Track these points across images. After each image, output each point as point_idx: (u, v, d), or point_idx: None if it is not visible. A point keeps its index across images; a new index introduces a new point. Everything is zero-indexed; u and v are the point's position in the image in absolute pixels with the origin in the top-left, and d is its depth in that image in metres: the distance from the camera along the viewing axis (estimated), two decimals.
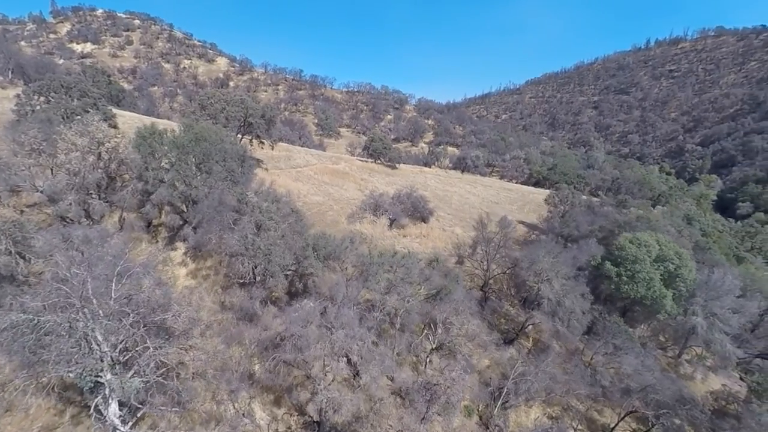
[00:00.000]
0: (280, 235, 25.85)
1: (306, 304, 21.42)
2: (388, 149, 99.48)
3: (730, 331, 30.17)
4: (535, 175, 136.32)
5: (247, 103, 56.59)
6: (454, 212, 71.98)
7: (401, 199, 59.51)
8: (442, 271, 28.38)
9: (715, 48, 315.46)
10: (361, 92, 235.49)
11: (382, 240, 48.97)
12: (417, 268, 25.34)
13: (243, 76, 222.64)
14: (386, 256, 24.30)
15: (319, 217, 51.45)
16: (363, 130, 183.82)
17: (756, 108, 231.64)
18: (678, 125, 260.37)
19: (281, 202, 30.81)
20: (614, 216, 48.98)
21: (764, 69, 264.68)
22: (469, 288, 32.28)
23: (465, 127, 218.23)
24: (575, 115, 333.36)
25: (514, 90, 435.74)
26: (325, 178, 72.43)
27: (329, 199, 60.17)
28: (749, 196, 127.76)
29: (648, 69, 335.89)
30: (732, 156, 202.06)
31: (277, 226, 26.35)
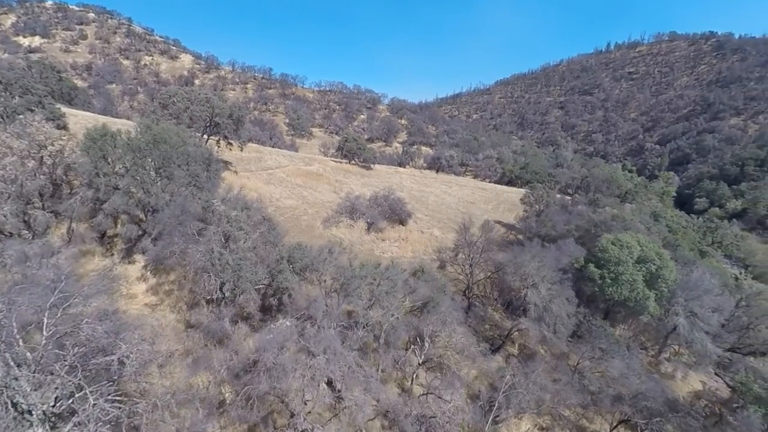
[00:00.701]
0: (251, 246, 23.56)
1: (281, 324, 19.39)
2: (363, 149, 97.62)
3: (710, 330, 30.65)
4: (508, 174, 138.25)
5: (213, 102, 53.16)
6: (431, 213, 71.11)
7: (378, 201, 57.90)
8: (428, 280, 26.99)
9: (669, 52, 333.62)
10: (333, 91, 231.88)
11: (360, 245, 47.18)
12: (401, 279, 23.78)
13: (209, 74, 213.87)
14: (369, 268, 22.62)
15: (293, 222, 48.99)
16: (336, 130, 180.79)
17: (707, 109, 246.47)
18: (638, 125, 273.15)
19: (252, 209, 28.39)
20: (590, 215, 49.36)
21: (713, 72, 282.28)
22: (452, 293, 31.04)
23: (438, 126, 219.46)
24: (543, 115, 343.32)
25: (484, 90, 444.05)
26: (298, 180, 69.68)
27: (303, 202, 57.70)
28: (705, 192, 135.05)
29: (609, 71, 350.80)
30: (687, 154, 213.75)
31: (247, 236, 24.04)
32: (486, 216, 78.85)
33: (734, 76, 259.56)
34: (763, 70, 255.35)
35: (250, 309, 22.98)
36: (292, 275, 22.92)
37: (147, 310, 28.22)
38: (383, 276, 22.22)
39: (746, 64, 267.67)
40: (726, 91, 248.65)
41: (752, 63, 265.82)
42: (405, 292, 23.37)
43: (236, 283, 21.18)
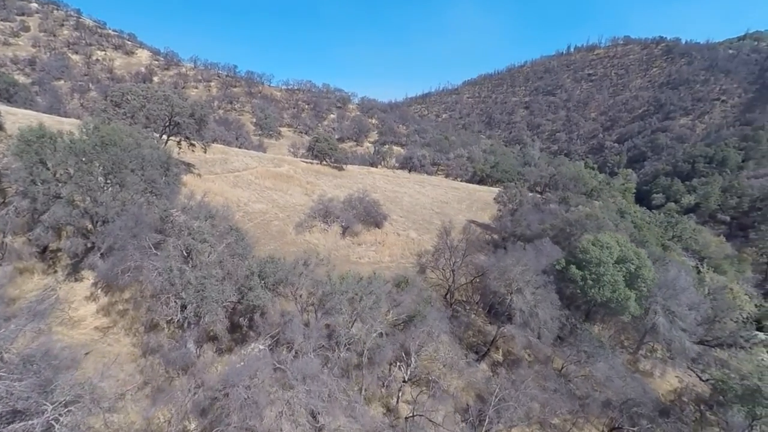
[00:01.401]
0: (216, 260, 21.14)
1: (252, 350, 17.28)
2: (334, 150, 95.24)
3: (687, 327, 31.22)
4: (479, 173, 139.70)
5: (172, 100, 49.27)
6: (406, 214, 69.98)
7: (353, 203, 56.01)
8: (412, 291, 25.51)
9: (624, 55, 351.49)
10: (301, 90, 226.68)
11: (335, 251, 45.15)
12: (385, 292, 22.11)
13: (169, 71, 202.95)
14: (349, 282, 20.78)
15: (263, 229, 46.21)
16: (305, 130, 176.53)
17: (659, 109, 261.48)
18: (598, 124, 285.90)
19: (217, 217, 25.79)
20: (564, 215, 49.72)
21: (664, 75, 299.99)
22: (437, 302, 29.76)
23: (408, 126, 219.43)
24: (509, 115, 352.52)
25: (452, 90, 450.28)
26: (267, 182, 66.47)
27: (273, 206, 54.83)
28: (661, 188, 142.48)
29: (570, 72, 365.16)
30: (643, 152, 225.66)
31: (212, 249, 21.58)
32: (461, 216, 78.95)
33: (682, 79, 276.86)
34: (707, 74, 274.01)
35: (217, 330, 20.58)
36: (264, 292, 20.71)
37: (97, 335, 25.04)
38: (365, 290, 20.51)
39: (692, 67, 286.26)
40: (676, 93, 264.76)
41: (698, 67, 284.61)
42: (389, 306, 21.79)
43: (200, 304, 18.73)
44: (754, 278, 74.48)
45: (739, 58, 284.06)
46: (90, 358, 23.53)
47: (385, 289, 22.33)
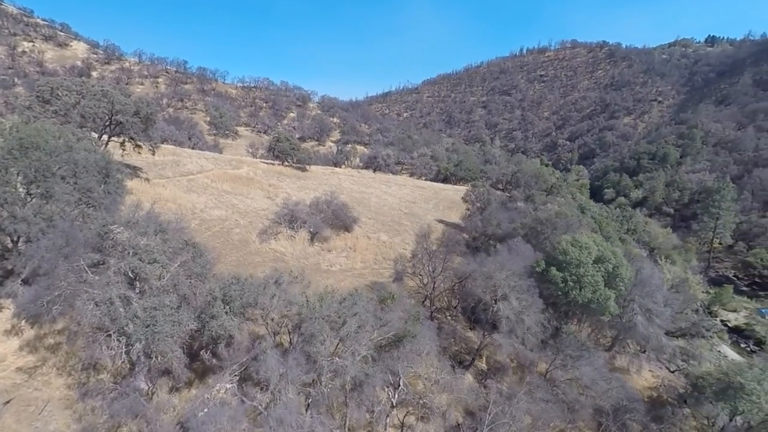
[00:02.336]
0: (170, 284, 17.93)
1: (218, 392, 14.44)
2: (297, 150, 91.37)
3: (663, 324, 31.82)
4: (443, 171, 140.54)
5: (112, 96, 43.84)
6: (374, 216, 67.96)
7: (320, 207, 53.11)
8: (399, 305, 23.47)
9: (572, 58, 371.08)
10: (258, 88, 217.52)
11: (304, 259, 42.21)
12: (371, 312, 19.78)
13: (110, 66, 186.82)
14: (330, 303, 18.22)
15: (223, 238, 42.27)
16: (264, 129, 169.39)
17: (605, 109, 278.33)
18: (551, 123, 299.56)
19: (170, 230, 22.33)
20: (535, 213, 49.94)
21: (608, 77, 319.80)
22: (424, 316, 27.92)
23: (371, 125, 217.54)
24: (468, 114, 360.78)
25: (412, 89, 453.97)
26: (225, 186, 61.78)
27: (233, 212, 50.69)
28: (611, 184, 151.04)
29: (524, 73, 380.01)
30: (593, 149, 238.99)
31: (164, 270, 18.33)
32: (429, 216, 78.18)
33: (624, 81, 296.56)
34: (645, 76, 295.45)
35: (174, 366, 17.39)
36: (229, 319, 17.75)
37: (20, 378, 20.83)
38: (349, 312, 18.14)
39: (632, 70, 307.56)
40: (619, 94, 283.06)
41: (637, 70, 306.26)
42: (375, 325, 19.64)
43: (151, 340, 15.51)
44: (699, 266, 79.92)
45: (671, 63, 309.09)
46: (11, 408, 19.44)
47: (370, 308, 20.10)
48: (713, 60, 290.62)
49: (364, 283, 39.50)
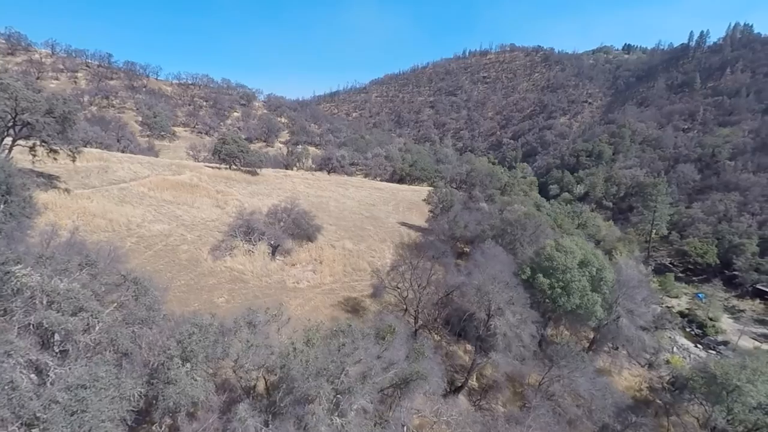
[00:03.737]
0: (104, 339, 13.36)
1: None
2: (246, 152, 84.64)
3: (645, 324, 32.05)
4: (399, 171, 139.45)
5: (15, 91, 35.90)
6: (335, 222, 64.23)
7: (279, 215, 48.39)
8: (401, 339, 20.30)
9: (511, 61, 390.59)
10: (197, 85, 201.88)
11: (266, 276, 37.58)
12: (374, 356, 16.37)
13: (15, 57, 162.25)
14: (325, 352, 14.46)
15: (168, 257, 36.31)
16: (206, 130, 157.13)
17: (543, 110, 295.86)
18: (495, 123, 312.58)
19: (100, 260, 17.40)
20: (505, 215, 49.36)
21: (544, 79, 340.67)
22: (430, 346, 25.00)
23: (321, 125, 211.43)
24: (416, 114, 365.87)
25: (361, 89, 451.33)
26: (166, 194, 54.56)
27: (178, 225, 44.37)
28: (555, 180, 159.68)
29: (468, 75, 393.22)
30: (534, 147, 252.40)
31: (95, 319, 13.70)
32: (391, 218, 75.93)
33: (559, 83, 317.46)
34: (576, 80, 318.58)
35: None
36: (191, 381, 13.48)
37: None
38: (351, 359, 14.64)
39: (565, 74, 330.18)
40: (555, 95, 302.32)
41: (569, 73, 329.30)
42: (378, 370, 16.41)
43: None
44: (640, 256, 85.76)
45: (597, 68, 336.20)
46: None
47: (370, 346, 16.73)
48: (632, 66, 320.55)
49: (336, 300, 36.01)
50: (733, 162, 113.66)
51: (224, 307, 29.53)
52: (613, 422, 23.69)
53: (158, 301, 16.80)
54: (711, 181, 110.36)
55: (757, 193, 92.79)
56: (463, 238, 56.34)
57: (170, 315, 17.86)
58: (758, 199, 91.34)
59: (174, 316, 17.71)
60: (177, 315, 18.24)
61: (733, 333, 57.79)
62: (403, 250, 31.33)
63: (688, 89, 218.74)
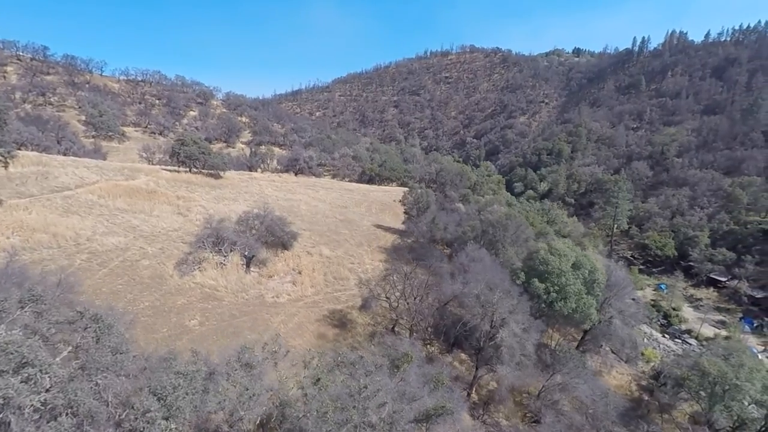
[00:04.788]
0: (60, 400, 10.37)
1: None
2: (207, 153, 79.24)
3: (636, 323, 32.24)
4: (368, 172, 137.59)
5: None
6: (309, 226, 61.27)
7: (250, 223, 44.87)
8: (419, 367, 18.20)
9: (472, 61, 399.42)
10: (148, 82, 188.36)
11: (243, 292, 34.24)
12: (392, 395, 14.10)
13: None
14: (338, 398, 12.13)
15: (128, 275, 32.05)
16: (159, 130, 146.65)
17: (504, 109, 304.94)
18: (458, 122, 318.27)
19: (47, 296, 14.11)
20: (485, 216, 48.76)
21: (503, 80, 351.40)
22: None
23: (284, 124, 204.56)
24: (381, 113, 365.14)
25: (324, 88, 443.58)
26: (119, 202, 49.27)
27: (136, 236, 39.75)
28: (519, 178, 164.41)
29: (430, 75, 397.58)
30: (497, 146, 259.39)
31: (44, 376, 10.66)
32: (365, 221, 73.82)
33: (517, 84, 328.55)
34: (533, 81, 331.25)
35: None
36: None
37: None
38: (374, 403, 12.41)
39: (523, 75, 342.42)
40: (514, 96, 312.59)
41: (526, 74, 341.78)
42: (403, 407, 14.40)
43: None
44: (604, 250, 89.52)
45: (552, 69, 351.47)
46: None
47: (392, 386, 14.51)
48: (583, 68, 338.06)
49: (321, 314, 33.48)
50: (680, 159, 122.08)
51: (198, 331, 26.24)
52: (618, 427, 23.39)
53: (125, 340, 13.76)
54: (662, 177, 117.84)
55: (704, 188, 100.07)
56: (443, 241, 55.46)
57: (140, 354, 14.84)
58: (705, 193, 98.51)
59: (146, 355, 14.71)
60: (149, 353, 15.23)
61: (695, 321, 61.16)
62: (386, 255, 29.42)
63: (634, 91, 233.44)
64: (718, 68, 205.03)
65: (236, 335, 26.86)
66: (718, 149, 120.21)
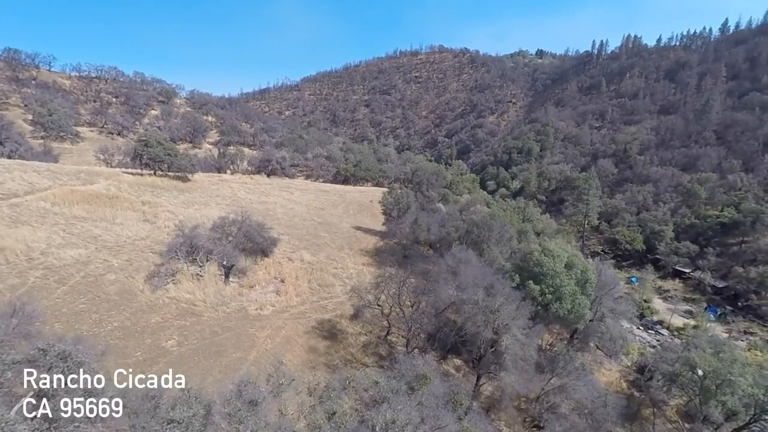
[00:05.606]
0: None
1: None
2: (174, 155, 74.76)
3: (625, 319, 32.52)
4: (343, 172, 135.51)
5: None
6: (287, 230, 58.97)
7: (226, 229, 42.11)
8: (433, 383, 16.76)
9: (441, 61, 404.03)
10: (103, 79, 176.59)
11: (223, 305, 31.69)
12: (415, 421, 12.73)
13: None
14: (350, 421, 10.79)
15: (90, 293, 28.77)
16: (118, 130, 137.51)
17: (473, 109, 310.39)
18: (429, 121, 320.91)
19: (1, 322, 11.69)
20: (469, 216, 48.37)
21: (472, 80, 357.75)
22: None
23: (253, 124, 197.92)
24: (352, 112, 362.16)
25: (293, 86, 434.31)
26: (77, 210, 44.98)
27: (98, 247, 36.12)
28: (491, 176, 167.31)
29: (401, 74, 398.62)
30: (468, 145, 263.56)
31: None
32: (344, 223, 72.05)
33: (486, 84, 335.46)
34: (501, 81, 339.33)
35: None
36: None
37: None
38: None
39: (491, 75, 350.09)
40: (483, 95, 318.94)
41: (494, 75, 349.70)
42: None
43: None
44: (576, 246, 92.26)
45: (518, 70, 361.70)
46: None
47: (414, 413, 13.15)
48: (547, 69, 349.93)
49: (309, 325, 31.58)
50: (642, 156, 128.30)
51: (176, 353, 23.79)
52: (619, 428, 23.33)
53: (100, 379, 11.63)
54: (627, 174, 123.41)
55: (666, 184, 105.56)
56: (427, 242, 54.71)
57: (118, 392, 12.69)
58: (667, 189, 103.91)
59: (126, 392, 12.55)
60: (126, 389, 13.06)
61: (665, 312, 63.88)
62: (369, 258, 28.10)
63: (596, 91, 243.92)
64: (670, 71, 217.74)
65: (220, 355, 24.60)
66: (675, 147, 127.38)
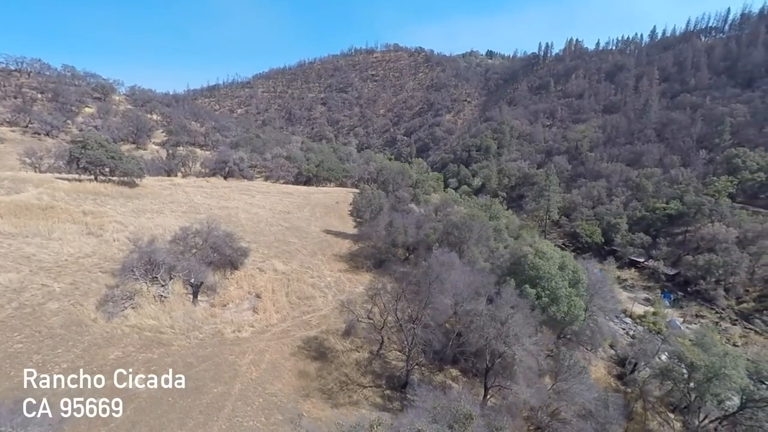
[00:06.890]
0: None
1: None
2: (119, 158, 67.28)
3: (616, 318, 32.87)
4: (304, 173, 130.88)
5: None
6: (254, 238, 54.83)
7: (190, 241, 37.71)
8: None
9: (397, 60, 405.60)
10: (25, 72, 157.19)
11: (195, 330, 27.77)
12: None
13: None
14: None
15: (29, 326, 23.82)
16: (46, 130, 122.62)
17: (431, 107, 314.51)
18: (387, 120, 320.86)
19: None
20: (447, 218, 47.41)
21: (428, 79, 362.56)
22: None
23: (204, 123, 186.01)
24: (308, 111, 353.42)
25: (245, 83, 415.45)
26: (2, 225, 38.39)
27: (33, 270, 30.54)
28: (452, 174, 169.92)
29: (357, 72, 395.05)
30: (427, 143, 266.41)
31: None
32: (313, 226, 68.67)
33: (441, 83, 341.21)
34: (456, 80, 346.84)
35: None
36: None
37: None
38: None
39: (446, 74, 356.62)
40: (439, 94, 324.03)
41: (449, 74, 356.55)
42: None
43: None
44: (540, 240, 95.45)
45: (471, 70, 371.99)
46: None
47: None
48: (498, 69, 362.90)
49: (295, 345, 28.64)
50: (593, 153, 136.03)
51: (145, 395, 20.11)
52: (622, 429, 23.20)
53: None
54: (580, 170, 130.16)
55: (617, 179, 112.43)
56: (404, 245, 53.14)
57: None
58: (618, 184, 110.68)
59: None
60: None
61: (627, 301, 67.32)
62: (345, 264, 26.03)
63: (545, 91, 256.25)
64: (610, 73, 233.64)
65: (198, 391, 21.19)
66: (621, 144, 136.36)
